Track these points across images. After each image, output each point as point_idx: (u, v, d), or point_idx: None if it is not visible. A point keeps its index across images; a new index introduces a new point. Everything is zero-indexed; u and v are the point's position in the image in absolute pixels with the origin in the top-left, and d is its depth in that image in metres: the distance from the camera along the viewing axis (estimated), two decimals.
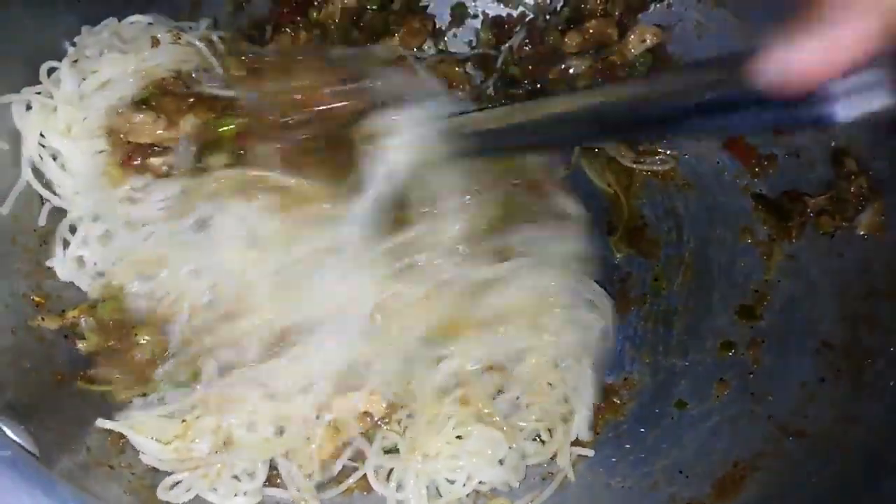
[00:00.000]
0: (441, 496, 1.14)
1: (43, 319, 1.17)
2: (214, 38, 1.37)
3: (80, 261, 1.23)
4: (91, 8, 1.33)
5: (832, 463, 1.12)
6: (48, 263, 1.22)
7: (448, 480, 1.14)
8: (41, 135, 1.24)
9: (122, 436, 1.11)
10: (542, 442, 1.20)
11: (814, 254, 1.33)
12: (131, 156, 1.25)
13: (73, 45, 1.30)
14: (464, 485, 1.14)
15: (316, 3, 1.57)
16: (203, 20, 1.42)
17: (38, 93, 1.24)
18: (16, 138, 1.23)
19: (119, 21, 1.33)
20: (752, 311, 1.33)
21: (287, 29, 1.52)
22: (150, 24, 1.34)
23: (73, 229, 1.25)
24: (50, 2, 1.28)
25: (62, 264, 1.22)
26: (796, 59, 0.62)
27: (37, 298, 1.19)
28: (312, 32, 1.55)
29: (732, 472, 1.17)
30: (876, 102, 0.65)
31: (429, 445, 1.13)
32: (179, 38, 1.32)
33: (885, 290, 1.23)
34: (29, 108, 1.23)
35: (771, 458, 1.18)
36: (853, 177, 1.32)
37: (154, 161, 1.25)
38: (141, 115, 1.24)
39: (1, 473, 0.76)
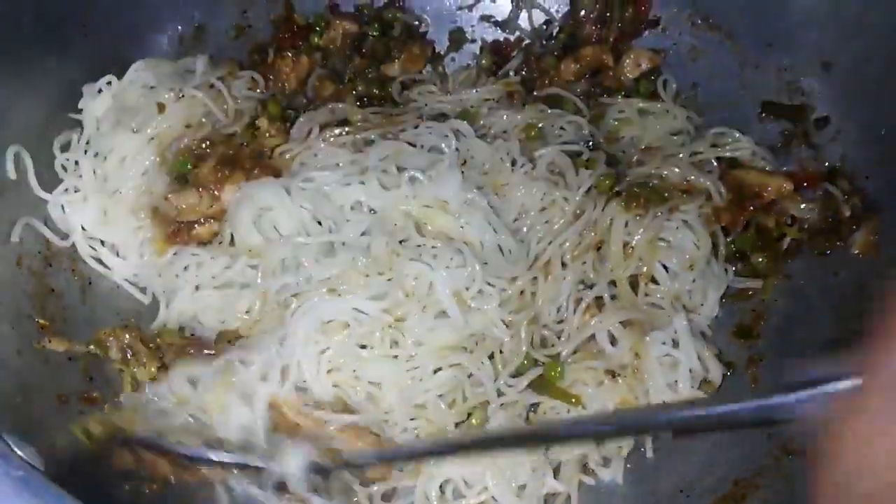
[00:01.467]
0: (452, 499, 1.15)
1: (49, 341, 1.18)
2: (214, 81, 1.39)
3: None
4: (98, 48, 1.37)
5: None
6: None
7: (465, 482, 1.15)
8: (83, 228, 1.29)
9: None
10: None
11: (809, 273, 1.34)
12: (177, 231, 1.31)
13: (80, 110, 1.34)
14: (479, 493, 1.14)
15: (318, 29, 1.59)
16: (200, 58, 1.42)
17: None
18: (23, 168, 1.25)
19: (118, 76, 1.36)
20: (750, 330, 1.34)
21: (289, 53, 1.55)
22: (152, 87, 1.35)
23: None
24: (60, 48, 1.32)
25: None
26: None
27: (41, 321, 1.20)
28: (313, 57, 1.57)
29: (733, 490, 1.18)
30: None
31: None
32: (182, 95, 1.35)
33: (881, 308, 1.24)
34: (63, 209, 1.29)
35: (771, 476, 1.18)
36: (847, 197, 1.34)
37: (200, 231, 1.32)
38: (187, 198, 1.30)
39: (15, 494, 0.76)
